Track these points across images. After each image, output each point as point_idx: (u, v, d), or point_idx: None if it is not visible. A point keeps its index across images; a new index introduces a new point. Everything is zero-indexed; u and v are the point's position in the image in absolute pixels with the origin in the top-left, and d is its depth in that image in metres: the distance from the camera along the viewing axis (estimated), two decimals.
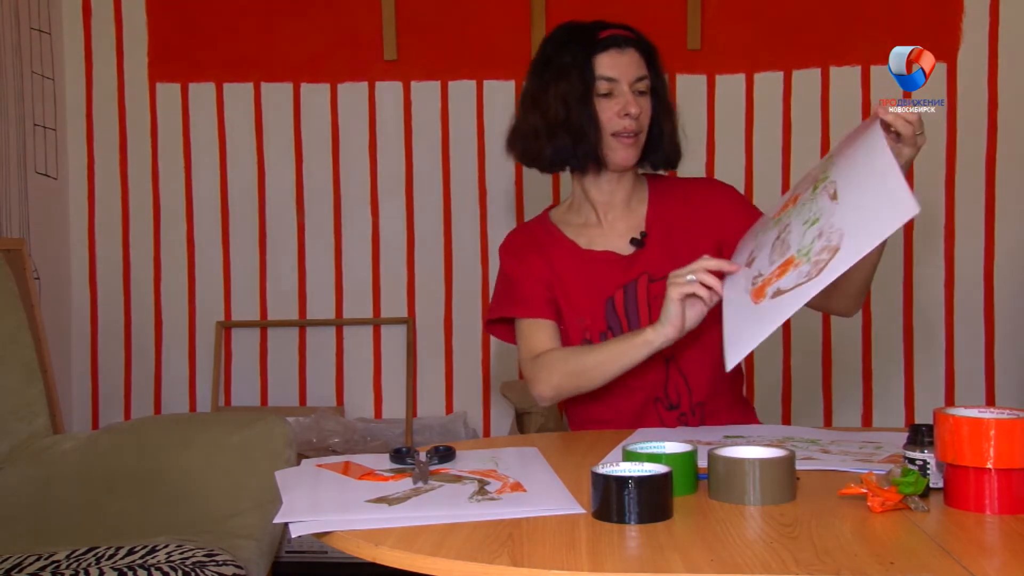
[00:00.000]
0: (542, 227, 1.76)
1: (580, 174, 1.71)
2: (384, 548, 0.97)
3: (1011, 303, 2.95)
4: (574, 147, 1.64)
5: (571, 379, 1.59)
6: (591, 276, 1.67)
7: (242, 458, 2.09)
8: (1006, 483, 1.05)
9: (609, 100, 1.63)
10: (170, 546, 1.78)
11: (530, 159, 1.71)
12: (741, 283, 1.39)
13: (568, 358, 1.60)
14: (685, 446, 1.19)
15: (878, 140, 1.31)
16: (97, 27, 3.17)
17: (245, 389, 3.20)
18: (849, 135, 1.44)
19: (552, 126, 1.64)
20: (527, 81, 1.71)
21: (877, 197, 1.24)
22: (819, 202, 1.35)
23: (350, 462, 1.33)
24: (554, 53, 1.66)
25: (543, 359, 1.63)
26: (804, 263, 1.27)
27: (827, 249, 1.25)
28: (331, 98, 3.15)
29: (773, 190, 2.99)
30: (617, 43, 1.64)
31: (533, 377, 1.64)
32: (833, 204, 1.31)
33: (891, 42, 3.13)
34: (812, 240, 1.30)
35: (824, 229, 1.28)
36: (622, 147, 1.64)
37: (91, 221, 3.19)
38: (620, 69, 1.63)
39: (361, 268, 3.17)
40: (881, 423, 2.98)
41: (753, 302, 1.32)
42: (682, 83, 3.03)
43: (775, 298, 1.28)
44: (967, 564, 0.89)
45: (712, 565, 0.90)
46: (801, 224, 1.35)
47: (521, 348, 1.69)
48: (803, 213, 1.37)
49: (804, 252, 1.29)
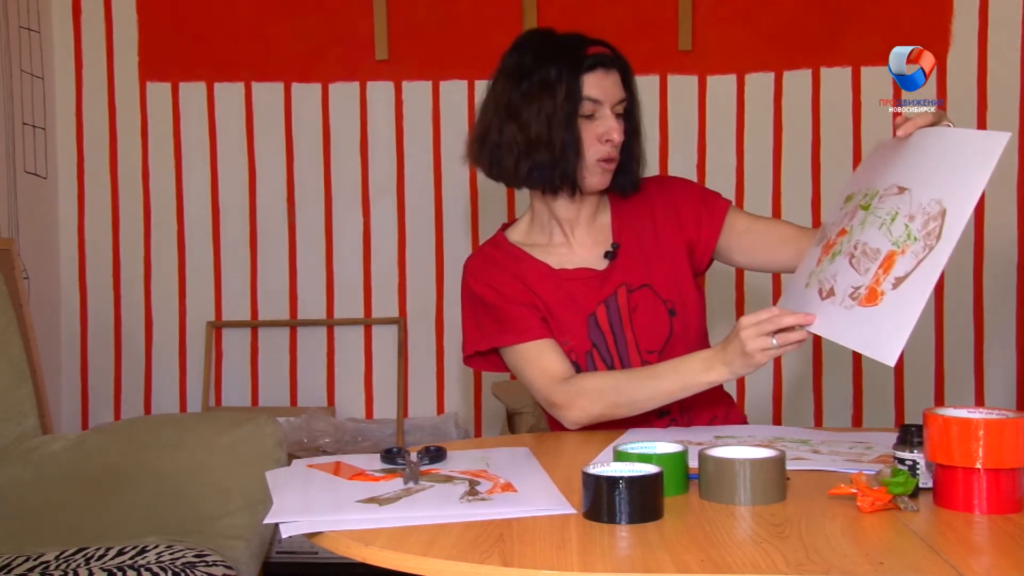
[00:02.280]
0: (503, 251, 1.69)
1: (549, 193, 1.64)
2: (374, 548, 0.97)
3: (1000, 304, 2.96)
4: (552, 168, 1.57)
5: (615, 410, 1.53)
6: (570, 296, 1.63)
7: (232, 458, 2.08)
8: (995, 483, 1.05)
9: (591, 122, 1.57)
10: (160, 547, 1.78)
11: (500, 173, 1.63)
12: (830, 308, 1.37)
13: (615, 388, 1.52)
14: (676, 446, 1.19)
15: (911, 137, 1.39)
16: (87, 26, 3.15)
17: (235, 389, 3.19)
18: (863, 165, 1.49)
19: (532, 143, 1.57)
20: (500, 86, 1.62)
21: (956, 155, 1.29)
22: (886, 205, 1.35)
23: (341, 462, 1.33)
24: (535, 64, 1.57)
25: (579, 386, 1.54)
26: (911, 244, 1.27)
27: (932, 218, 1.26)
28: (322, 98, 3.14)
29: (764, 191, 3.00)
30: (604, 63, 1.58)
31: (567, 404, 1.55)
32: (905, 194, 1.33)
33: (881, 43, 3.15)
34: (904, 227, 1.30)
35: (913, 212, 1.30)
36: (600, 172, 1.60)
37: (81, 221, 3.18)
38: (605, 91, 1.57)
39: (352, 268, 3.16)
40: (871, 423, 2.99)
41: (866, 306, 1.30)
42: (673, 84, 3.04)
43: (899, 286, 1.26)
44: (956, 564, 0.90)
45: (702, 565, 0.90)
46: (877, 229, 1.35)
47: (532, 374, 1.59)
48: (871, 223, 1.37)
49: (903, 240, 1.29)
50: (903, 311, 1.24)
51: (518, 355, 1.61)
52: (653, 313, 1.63)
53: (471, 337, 1.67)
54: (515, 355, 1.62)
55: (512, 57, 1.62)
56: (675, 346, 1.63)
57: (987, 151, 1.25)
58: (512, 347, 1.62)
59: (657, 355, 1.62)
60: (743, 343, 1.40)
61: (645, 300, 1.63)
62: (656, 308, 1.64)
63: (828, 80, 3.00)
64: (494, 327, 1.63)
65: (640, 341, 1.63)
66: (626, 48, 1.64)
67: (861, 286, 1.32)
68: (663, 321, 1.63)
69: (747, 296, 3.05)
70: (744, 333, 1.39)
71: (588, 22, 1.85)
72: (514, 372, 1.66)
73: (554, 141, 1.56)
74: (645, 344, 1.63)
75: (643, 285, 1.64)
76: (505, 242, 1.70)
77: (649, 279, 1.64)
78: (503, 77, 1.62)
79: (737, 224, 1.69)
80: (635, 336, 1.63)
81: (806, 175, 3.01)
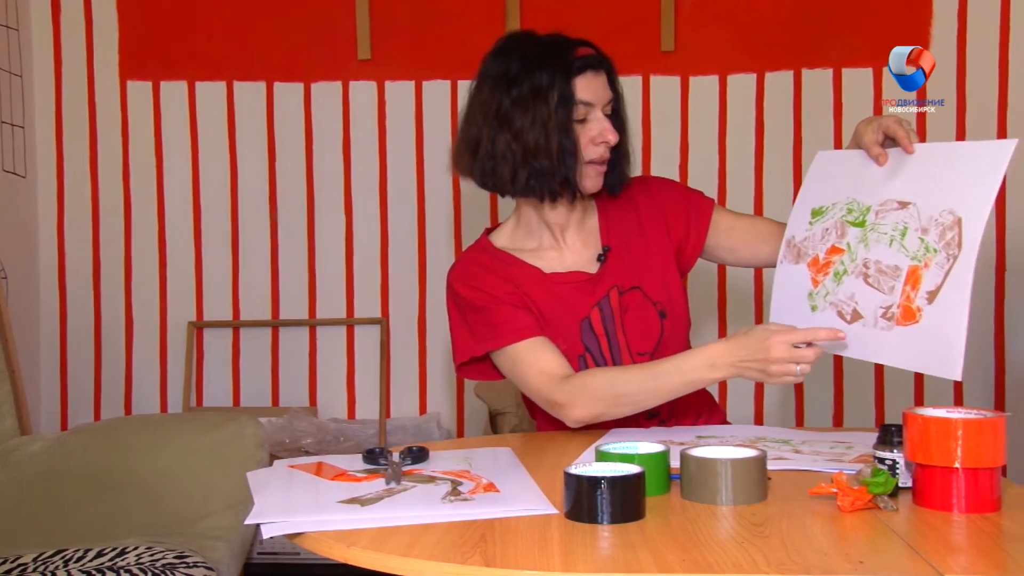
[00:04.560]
0: (490, 256, 1.66)
1: (548, 200, 1.62)
2: (356, 549, 0.97)
3: (978, 306, 2.98)
4: (552, 175, 1.55)
5: (618, 408, 1.51)
6: (562, 300, 1.62)
7: (214, 459, 2.07)
8: (973, 482, 1.06)
9: (585, 125, 1.56)
10: (140, 548, 1.77)
11: (495, 183, 1.60)
12: (863, 331, 1.37)
13: (617, 386, 1.50)
14: (658, 446, 1.20)
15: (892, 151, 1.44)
16: (66, 23, 3.13)
17: (217, 390, 3.17)
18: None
19: (529, 152, 1.54)
20: (487, 94, 1.58)
21: (963, 165, 1.31)
22: (888, 221, 1.38)
23: (323, 463, 1.33)
24: (524, 70, 1.55)
25: (579, 383, 1.51)
26: (933, 256, 1.29)
27: (947, 228, 1.28)
28: (305, 97, 3.13)
29: (746, 190, 3.01)
30: (592, 64, 1.56)
31: (570, 402, 1.51)
32: (910, 208, 1.35)
33: (862, 46, 3.17)
34: (919, 240, 1.32)
35: (925, 225, 1.32)
36: (595, 174, 1.60)
37: (60, 220, 3.16)
38: (596, 92, 1.56)
39: (334, 268, 3.15)
40: (852, 423, 3.00)
41: (905, 325, 1.31)
42: (656, 84, 3.05)
43: (935, 299, 1.27)
44: (935, 563, 0.90)
45: (684, 565, 0.91)
46: (888, 247, 1.36)
47: (528, 374, 1.56)
48: (876, 240, 1.38)
49: (922, 254, 1.31)
50: (949, 323, 1.26)
51: (515, 355, 1.57)
52: (644, 315, 1.64)
53: (463, 344, 1.62)
54: (511, 356, 1.58)
55: (496, 63, 1.59)
56: (666, 348, 1.63)
57: (996, 158, 1.27)
58: (506, 349, 1.58)
59: (648, 357, 1.62)
60: (768, 353, 1.36)
61: (636, 302, 1.63)
62: (647, 310, 1.64)
63: (810, 82, 3.01)
64: (486, 330, 1.59)
65: (632, 343, 1.63)
66: (609, 49, 1.64)
67: (892, 305, 1.33)
68: (654, 323, 1.64)
69: (729, 297, 3.06)
70: (775, 347, 1.35)
71: (571, 23, 1.84)
72: (509, 375, 1.61)
73: (552, 148, 1.54)
74: (636, 346, 1.63)
75: (633, 287, 1.64)
76: (492, 247, 1.68)
77: (639, 281, 1.65)
78: (489, 84, 1.59)
79: (722, 222, 1.70)
80: (627, 338, 1.63)
81: (788, 176, 3.02)
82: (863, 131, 1.47)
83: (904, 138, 1.41)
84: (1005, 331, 2.96)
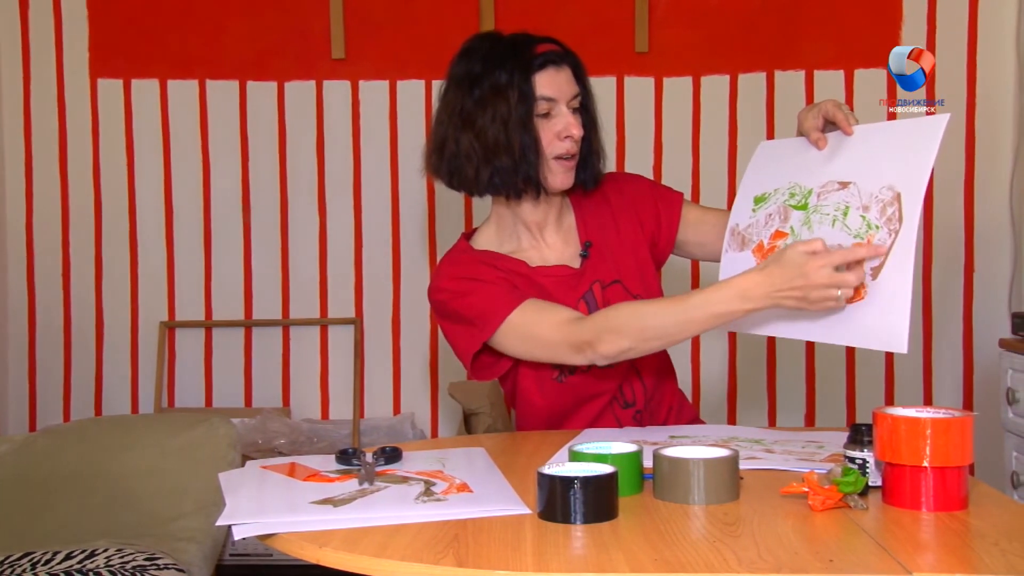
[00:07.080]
0: (474, 256, 1.65)
1: (514, 198, 1.62)
2: (328, 550, 0.97)
3: (948, 306, 3.02)
4: (514, 172, 1.55)
5: (645, 343, 1.46)
6: (549, 293, 1.61)
7: (185, 460, 2.06)
8: (941, 481, 1.07)
9: (548, 121, 1.56)
10: (110, 550, 1.75)
11: (460, 182, 1.60)
12: (815, 314, 1.37)
13: (643, 319, 1.45)
14: (630, 446, 1.20)
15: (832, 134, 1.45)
16: (35, 19, 3.09)
17: (189, 390, 3.15)
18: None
19: (490, 150, 1.55)
20: (451, 96, 1.59)
21: (900, 141, 1.34)
22: (830, 201, 1.39)
23: (296, 463, 1.32)
24: (485, 69, 1.55)
25: (603, 318, 1.47)
26: (875, 233, 1.31)
27: (887, 204, 1.30)
28: (278, 96, 3.11)
29: (719, 191, 3.03)
30: (554, 60, 1.56)
31: (595, 337, 1.46)
32: (850, 188, 1.37)
33: (833, 48, 3.20)
34: (860, 218, 1.33)
35: (865, 203, 1.34)
36: (563, 170, 1.59)
37: (29, 219, 3.12)
38: (558, 88, 1.56)
39: (308, 268, 3.14)
40: (824, 423, 3.03)
41: (852, 302, 1.32)
42: (630, 85, 3.06)
43: (878, 275, 1.29)
44: (903, 560, 0.91)
45: (656, 564, 0.91)
46: (831, 227, 1.37)
47: (543, 330, 1.51)
48: (819, 221, 1.39)
49: (864, 231, 1.32)
50: (893, 297, 1.27)
51: (522, 322, 1.52)
52: None
53: (466, 341, 1.58)
54: (517, 325, 1.53)
55: (461, 64, 1.60)
56: None
57: (931, 132, 1.31)
58: (510, 320, 1.52)
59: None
60: (808, 279, 1.30)
61: (617, 296, 1.63)
62: None
63: (782, 83, 3.03)
64: (482, 314, 1.55)
65: None
66: (583, 50, 1.64)
67: None
68: None
69: None
70: (815, 272, 1.30)
71: (545, 24, 1.85)
72: (522, 347, 1.55)
73: (512, 144, 1.54)
74: None
75: (614, 281, 1.65)
76: (472, 250, 1.67)
77: (619, 275, 1.66)
78: (453, 86, 1.60)
79: (690, 216, 1.72)
80: None
81: None
82: (803, 118, 1.51)
83: (843, 120, 1.44)
84: (973, 332, 3.00)
